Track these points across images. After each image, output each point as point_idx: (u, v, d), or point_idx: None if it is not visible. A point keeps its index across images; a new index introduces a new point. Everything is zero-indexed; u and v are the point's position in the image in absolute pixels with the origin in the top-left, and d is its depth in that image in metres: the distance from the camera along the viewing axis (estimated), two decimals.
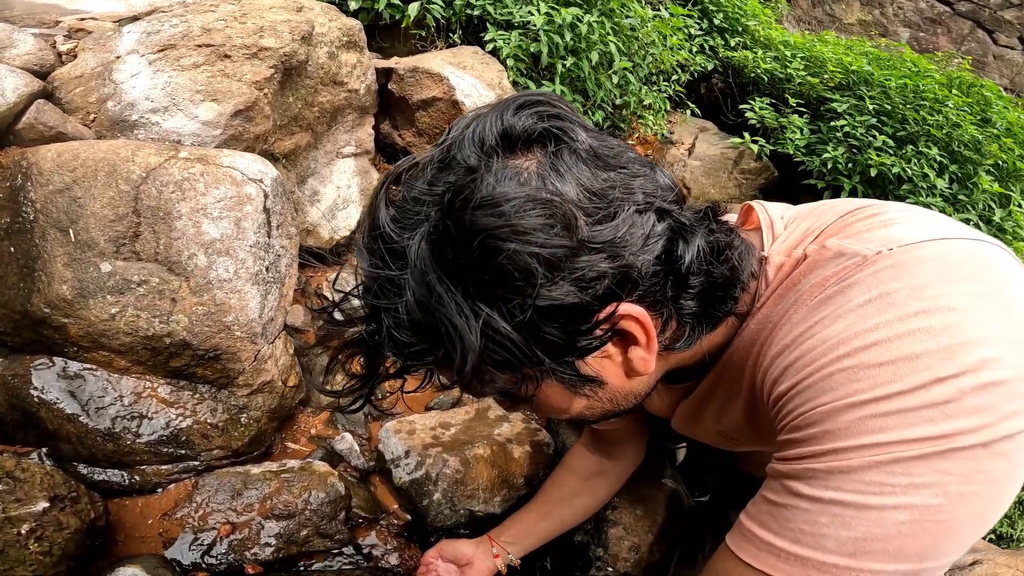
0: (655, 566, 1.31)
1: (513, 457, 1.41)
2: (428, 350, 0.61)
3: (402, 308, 0.59)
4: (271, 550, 1.16)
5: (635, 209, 0.60)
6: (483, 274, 0.56)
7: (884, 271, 0.59)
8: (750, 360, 0.71)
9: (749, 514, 0.64)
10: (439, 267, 0.57)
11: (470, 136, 0.61)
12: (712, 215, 0.71)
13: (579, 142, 0.61)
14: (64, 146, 1.21)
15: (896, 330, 0.55)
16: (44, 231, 1.15)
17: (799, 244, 0.71)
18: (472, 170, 0.59)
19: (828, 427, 0.55)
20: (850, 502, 0.54)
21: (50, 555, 0.96)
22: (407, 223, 0.60)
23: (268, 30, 1.54)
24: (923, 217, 0.66)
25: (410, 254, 0.58)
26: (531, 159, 0.60)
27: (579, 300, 0.58)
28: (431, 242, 0.58)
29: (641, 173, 0.63)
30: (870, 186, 3.00)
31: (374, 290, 0.62)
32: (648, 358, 0.65)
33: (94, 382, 1.18)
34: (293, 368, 1.38)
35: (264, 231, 1.25)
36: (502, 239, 0.55)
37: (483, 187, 0.57)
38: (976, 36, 6.08)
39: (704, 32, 3.62)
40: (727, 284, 0.68)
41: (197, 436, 1.22)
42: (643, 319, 0.61)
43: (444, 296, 0.57)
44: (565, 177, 0.59)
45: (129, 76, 1.39)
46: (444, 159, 0.62)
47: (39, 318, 1.15)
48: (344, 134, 1.92)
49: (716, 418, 0.86)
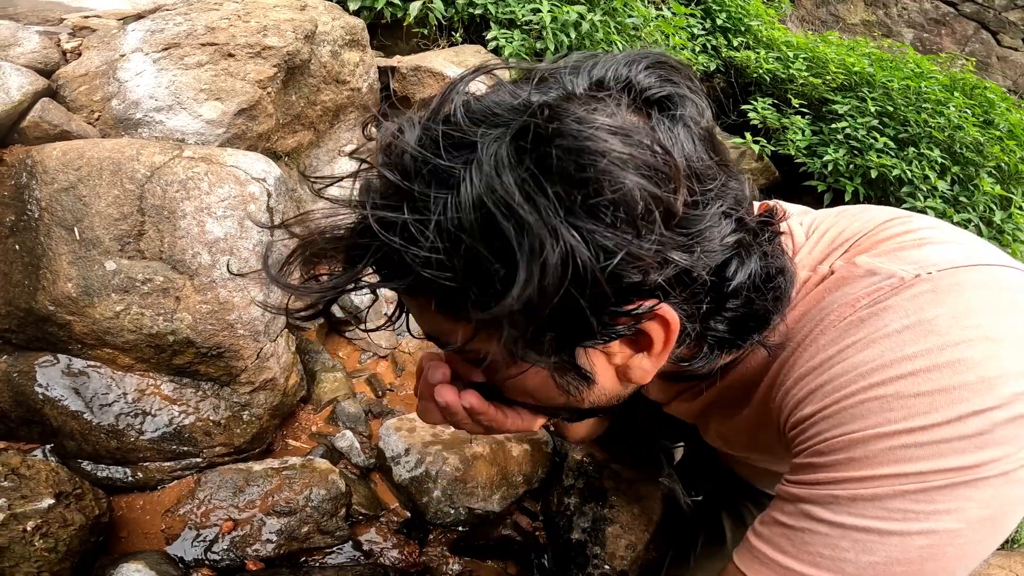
0: (651, 564, 1.32)
1: (512, 455, 1.42)
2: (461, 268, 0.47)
3: (451, 203, 0.46)
4: (272, 546, 1.17)
5: (723, 210, 0.55)
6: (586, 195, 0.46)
7: (922, 296, 0.57)
8: (766, 378, 0.69)
9: (761, 536, 0.62)
10: (527, 166, 0.45)
11: (587, 68, 0.53)
12: (772, 232, 0.64)
13: (700, 122, 0.55)
14: (69, 144, 1.22)
15: (935, 360, 0.53)
16: (49, 229, 1.16)
17: (825, 258, 0.68)
18: (573, 98, 0.50)
19: (855, 455, 0.55)
20: (873, 528, 0.54)
21: (55, 551, 0.97)
22: (485, 120, 0.48)
23: (272, 29, 1.55)
24: (957, 237, 0.64)
25: (482, 151, 0.46)
26: (644, 120, 0.52)
27: (642, 277, 0.50)
28: (519, 141, 0.46)
29: (737, 176, 0.58)
30: (871, 188, 3.01)
31: (414, 175, 0.48)
32: (650, 370, 0.60)
33: (98, 379, 1.20)
34: (294, 366, 1.39)
35: (267, 230, 1.26)
36: (622, 168, 0.46)
37: (596, 112, 0.48)
38: (980, 37, 6.07)
39: (707, 32, 3.62)
40: (765, 316, 0.63)
41: (200, 433, 1.23)
42: (673, 328, 0.55)
43: (529, 198, 0.44)
44: (676, 145, 0.52)
45: (133, 75, 1.40)
46: (545, 78, 0.52)
47: (44, 315, 1.16)
48: (346, 132, 1.93)
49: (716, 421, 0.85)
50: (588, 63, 0.53)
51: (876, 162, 2.88)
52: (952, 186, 2.99)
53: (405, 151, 0.48)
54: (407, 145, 0.48)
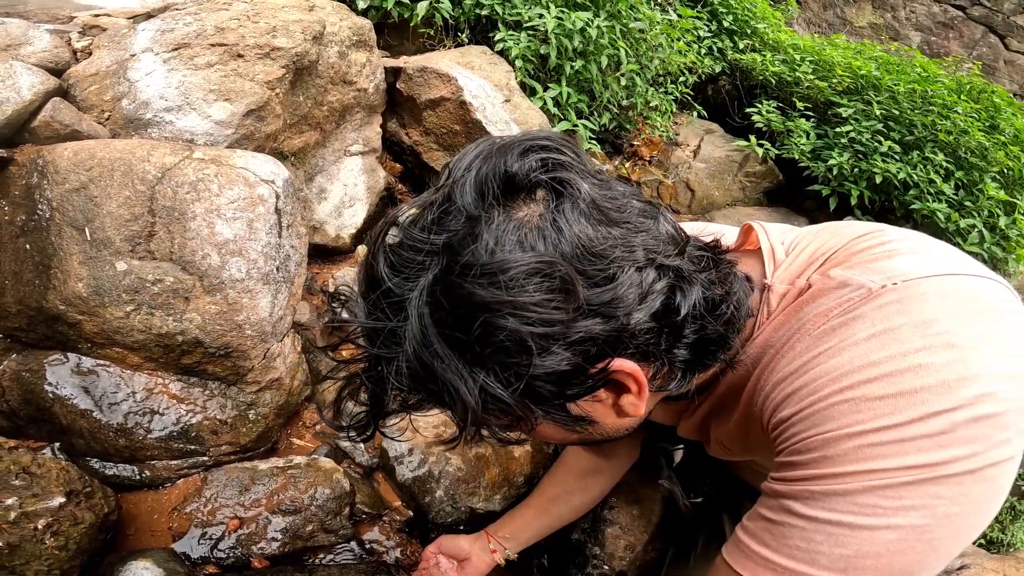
0: (650, 564, 1.34)
1: (514, 456, 1.43)
2: (428, 399, 0.63)
3: (402, 360, 0.59)
4: (277, 544, 1.18)
5: (635, 268, 0.60)
6: (481, 346, 0.57)
7: (889, 306, 0.61)
8: (749, 383, 0.73)
9: (747, 530, 0.66)
10: (439, 333, 0.58)
11: (472, 180, 0.60)
12: (713, 261, 0.69)
13: (582, 195, 0.60)
14: (80, 145, 1.23)
15: (898, 365, 0.57)
16: (60, 229, 1.17)
17: (802, 272, 0.72)
18: (472, 220, 0.58)
19: (827, 453, 0.59)
20: (844, 522, 0.57)
21: (65, 549, 0.98)
22: (406, 273, 0.60)
23: (280, 30, 1.56)
24: (929, 248, 0.68)
25: (410, 309, 0.58)
26: (533, 210, 0.59)
27: (572, 364, 0.58)
28: (430, 305, 0.58)
29: (643, 228, 0.62)
30: (876, 192, 3.01)
31: (374, 340, 0.62)
32: (639, 404, 0.66)
33: (107, 378, 1.21)
34: (300, 365, 1.41)
35: (275, 231, 1.27)
36: (500, 316, 0.55)
37: (482, 250, 0.56)
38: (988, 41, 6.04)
39: (713, 34, 3.62)
40: (720, 338, 0.69)
41: (207, 432, 1.25)
42: (635, 373, 0.62)
43: (444, 360, 0.57)
44: (565, 235, 0.58)
45: (144, 75, 1.41)
46: (443, 203, 0.61)
47: (54, 315, 1.18)
48: (352, 132, 1.94)
49: (714, 430, 0.89)
50: (472, 172, 0.60)
51: (881, 167, 2.89)
52: (957, 191, 2.99)
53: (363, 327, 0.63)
54: (362, 324, 0.62)
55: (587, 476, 1.26)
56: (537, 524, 1.25)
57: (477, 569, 1.21)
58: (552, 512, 1.25)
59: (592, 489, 1.27)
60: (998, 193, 2.95)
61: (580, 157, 0.64)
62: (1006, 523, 2.78)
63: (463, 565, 1.21)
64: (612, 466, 1.28)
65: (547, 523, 1.26)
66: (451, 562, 1.23)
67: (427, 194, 0.64)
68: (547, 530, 1.27)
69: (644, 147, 3.11)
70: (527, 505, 1.27)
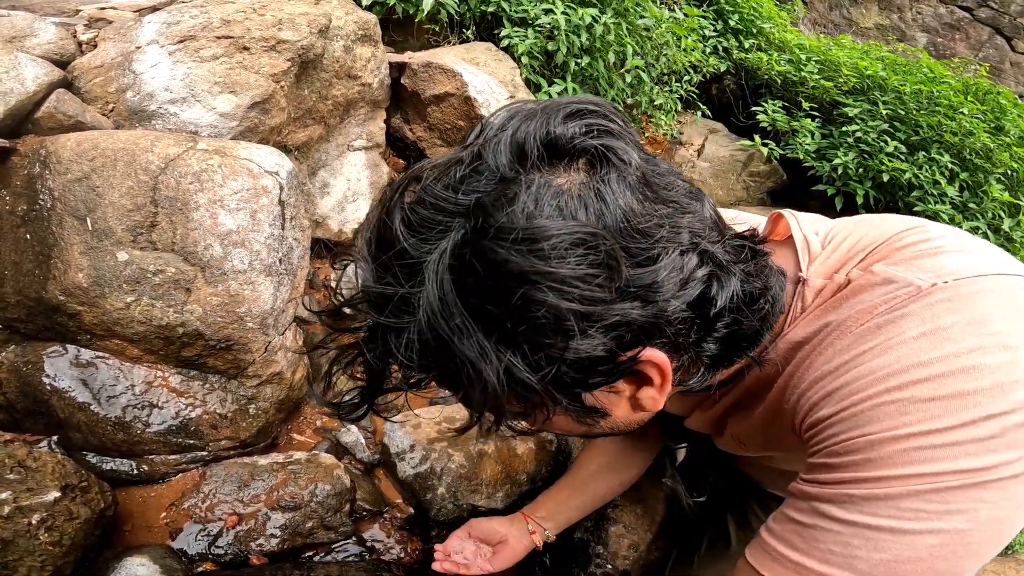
0: (653, 564, 1.33)
1: (517, 453, 1.42)
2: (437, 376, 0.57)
3: (413, 331, 0.53)
4: (276, 541, 1.17)
5: (679, 251, 0.55)
6: (513, 320, 0.51)
7: (939, 304, 0.58)
8: (780, 380, 0.70)
9: (773, 533, 0.64)
10: (461, 300, 0.51)
11: (507, 139, 0.53)
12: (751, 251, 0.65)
13: (631, 167, 0.54)
14: (84, 135, 1.22)
15: (950, 366, 0.55)
16: (61, 219, 1.16)
17: (841, 267, 0.69)
18: (506, 182, 0.52)
19: (871, 456, 0.56)
20: (885, 527, 0.55)
21: (59, 545, 0.96)
22: (425, 234, 0.53)
23: (286, 23, 1.55)
24: (975, 246, 0.65)
25: (427, 274, 0.51)
26: (575, 178, 0.53)
27: (606, 351, 0.53)
28: (454, 269, 0.51)
29: (690, 209, 0.58)
30: (881, 192, 3.00)
31: (382, 307, 0.55)
32: (659, 398, 0.62)
33: (106, 370, 1.20)
34: (301, 360, 1.40)
35: (278, 223, 1.26)
36: (539, 289, 0.49)
37: (519, 213, 0.50)
38: (994, 43, 6.03)
39: (718, 33, 3.61)
40: (753, 335, 0.65)
41: (206, 426, 1.24)
42: (664, 365, 0.58)
43: (464, 331, 0.51)
44: (611, 207, 0.52)
45: (149, 67, 1.41)
46: (473, 162, 0.54)
47: (54, 305, 1.17)
48: (356, 127, 1.93)
49: (732, 423, 0.86)
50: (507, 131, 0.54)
51: (888, 166, 2.87)
52: (961, 192, 2.98)
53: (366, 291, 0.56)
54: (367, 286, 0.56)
55: (622, 455, 1.22)
56: (574, 503, 1.21)
57: (514, 552, 1.14)
58: (588, 491, 1.21)
59: (629, 468, 1.23)
60: (1003, 195, 2.94)
61: (628, 126, 0.58)
62: None
63: (498, 549, 1.15)
64: (646, 446, 1.24)
65: (584, 501, 1.21)
66: (481, 547, 1.17)
67: (454, 151, 0.58)
68: (585, 509, 1.22)
69: (648, 145, 3.11)
70: (562, 485, 1.22)
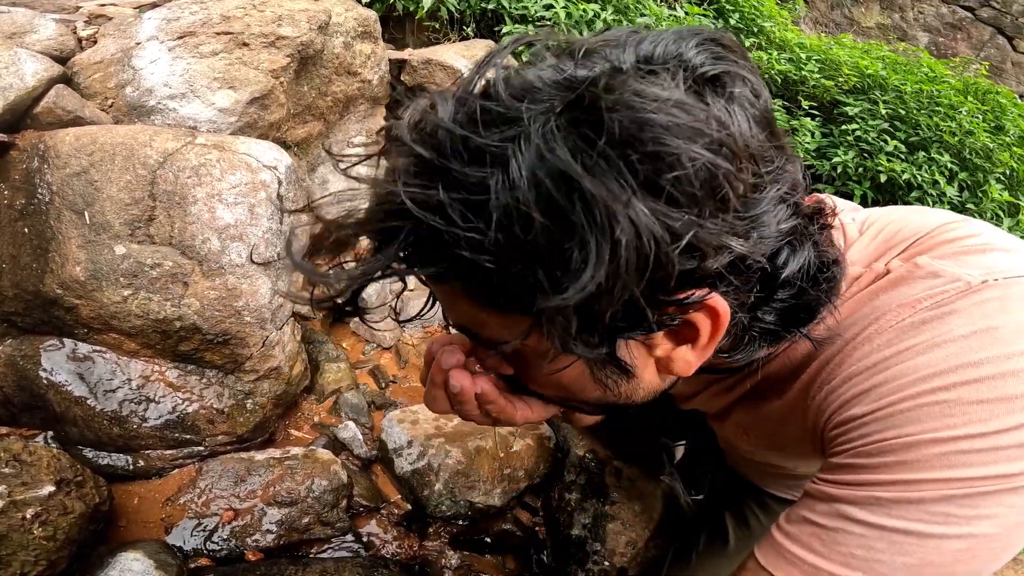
0: (651, 561, 1.33)
1: (514, 450, 1.42)
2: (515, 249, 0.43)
3: (499, 182, 0.41)
4: (272, 537, 1.16)
5: (780, 195, 0.52)
6: (656, 171, 0.42)
7: (990, 303, 0.56)
8: (806, 373, 0.67)
9: (788, 534, 0.61)
10: (585, 140, 0.41)
11: (633, 43, 0.48)
12: (821, 222, 0.61)
13: (757, 102, 0.51)
14: (82, 130, 1.22)
15: (1000, 368, 0.53)
16: (59, 213, 1.16)
17: (880, 256, 0.66)
18: (621, 72, 0.45)
19: (906, 458, 0.54)
20: (912, 531, 0.54)
21: (54, 540, 0.95)
22: (528, 95, 0.44)
23: (286, 19, 1.55)
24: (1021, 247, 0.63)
25: (531, 124, 0.42)
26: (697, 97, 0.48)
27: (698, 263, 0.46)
28: (571, 117, 0.42)
29: (793, 160, 0.54)
30: (880, 192, 2.99)
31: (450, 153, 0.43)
32: (694, 363, 0.56)
33: (103, 364, 1.20)
34: (299, 355, 1.40)
35: (277, 218, 1.27)
36: (688, 139, 0.42)
37: (651, 85, 0.44)
38: (996, 42, 6.03)
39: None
40: (814, 308, 0.60)
41: (203, 421, 1.24)
42: (722, 319, 0.52)
43: (591, 172, 0.41)
44: (732, 124, 0.48)
45: (148, 63, 1.41)
46: (587, 54, 0.48)
47: (51, 299, 1.17)
48: (355, 124, 1.93)
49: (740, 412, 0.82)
50: (633, 38, 0.49)
51: (886, 166, 2.87)
52: (961, 192, 2.98)
53: (439, 127, 0.44)
54: (440, 120, 0.43)
55: None
56: None
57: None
58: None
59: None
60: (1002, 195, 2.93)
61: (755, 68, 0.54)
62: None
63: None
64: None
65: None
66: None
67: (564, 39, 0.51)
68: None
69: None
70: None
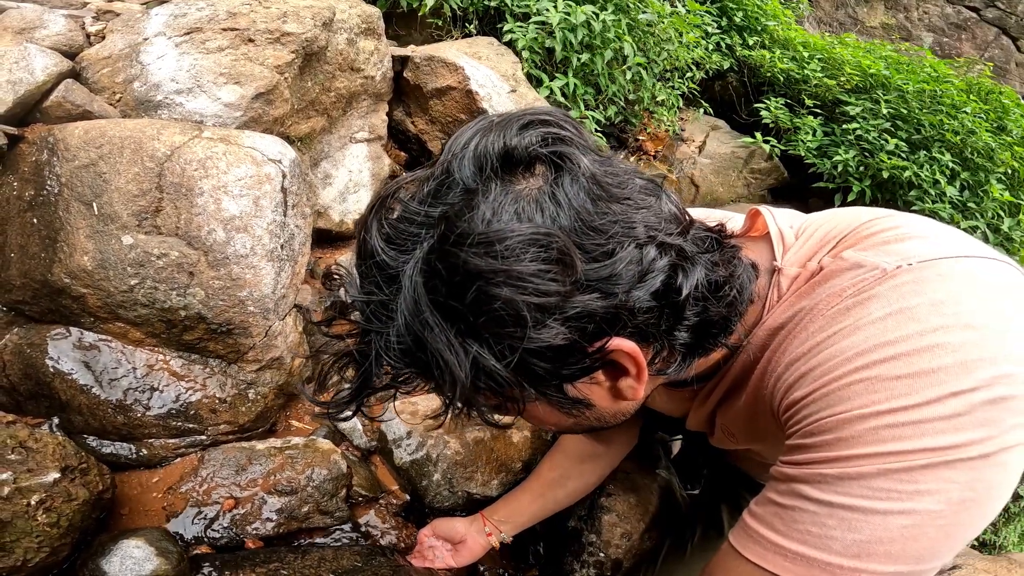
0: (646, 553, 1.34)
1: (512, 442, 1.44)
2: (418, 375, 0.62)
3: (393, 334, 0.59)
4: (272, 525, 1.18)
5: (635, 244, 0.58)
6: (475, 315, 0.56)
7: (904, 285, 0.60)
8: (759, 366, 0.72)
9: (755, 515, 0.65)
10: (431, 301, 0.57)
11: (471, 154, 0.59)
12: (716, 243, 0.68)
13: (582, 170, 0.59)
14: (91, 124, 1.24)
15: (915, 345, 0.56)
16: (68, 204, 1.19)
17: (814, 255, 0.71)
18: (470, 192, 0.58)
19: (841, 435, 0.57)
20: (857, 507, 0.56)
21: (57, 526, 0.96)
22: (401, 245, 0.59)
23: (291, 15, 1.57)
24: (941, 232, 0.67)
25: (403, 281, 0.58)
26: (532, 183, 0.59)
27: (568, 340, 0.57)
28: (424, 274, 0.57)
29: (644, 204, 0.61)
30: (880, 190, 3.00)
31: (366, 313, 0.61)
32: (637, 387, 0.65)
33: (108, 353, 1.22)
34: (301, 346, 1.42)
35: (281, 210, 1.28)
36: (495, 284, 0.54)
37: (479, 220, 0.56)
38: (1000, 43, 6.01)
39: (722, 30, 3.61)
40: (723, 321, 0.67)
41: (205, 410, 1.26)
42: (634, 353, 0.61)
43: (435, 330, 0.56)
44: (564, 208, 0.57)
45: (156, 58, 1.43)
46: (441, 176, 0.60)
47: (59, 288, 1.19)
48: (358, 119, 1.95)
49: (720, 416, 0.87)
50: (471, 147, 0.60)
51: (888, 164, 2.88)
52: (961, 191, 2.98)
53: (354, 299, 0.63)
54: (355, 298, 0.62)
55: (585, 461, 1.26)
56: (533, 508, 1.26)
57: (472, 551, 1.22)
58: (548, 497, 1.26)
59: (590, 475, 1.27)
60: (1003, 195, 2.94)
61: (580, 133, 0.63)
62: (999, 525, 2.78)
63: (458, 548, 1.22)
64: (610, 452, 1.28)
65: (543, 507, 1.26)
66: (445, 545, 1.24)
67: (424, 169, 0.64)
68: (543, 514, 1.27)
69: (649, 142, 3.11)
70: (524, 489, 1.28)
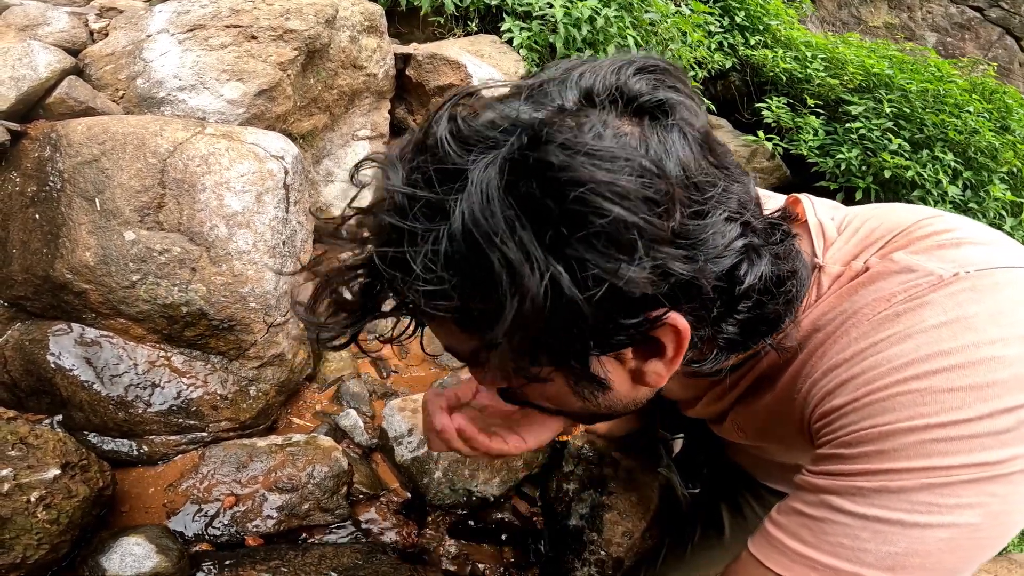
0: (647, 551, 1.34)
1: None
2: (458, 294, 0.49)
3: (443, 234, 0.47)
4: (272, 522, 1.17)
5: (726, 215, 0.54)
6: (568, 225, 0.47)
7: (962, 294, 0.57)
8: (791, 368, 0.69)
9: (779, 525, 0.63)
10: (514, 197, 0.46)
11: (574, 79, 0.52)
12: (783, 233, 0.63)
13: (694, 126, 0.54)
14: (94, 120, 1.25)
15: (971, 356, 0.54)
16: (71, 200, 1.19)
17: (859, 254, 0.68)
18: (564, 111, 0.50)
19: (884, 447, 0.55)
20: (895, 520, 0.55)
21: (57, 523, 0.95)
22: (473, 144, 0.49)
23: (294, 12, 1.57)
24: (997, 240, 0.65)
25: (472, 176, 0.47)
26: (638, 125, 0.52)
27: (647, 293, 0.50)
28: (506, 170, 0.47)
29: (740, 179, 0.57)
30: (883, 189, 2.99)
31: (408, 211, 0.49)
32: (664, 374, 0.60)
33: (110, 349, 1.22)
34: (302, 343, 1.42)
35: (283, 206, 1.29)
36: (606, 198, 0.46)
37: (586, 131, 0.48)
38: (1004, 43, 6.00)
39: (724, 29, 3.60)
40: (775, 320, 0.63)
41: (207, 407, 1.26)
42: (684, 335, 0.55)
43: (512, 231, 0.46)
44: (671, 155, 0.51)
45: (159, 55, 1.43)
46: (535, 93, 0.53)
47: (61, 283, 1.19)
48: (360, 117, 1.95)
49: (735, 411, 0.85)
50: (575, 72, 0.53)
51: (890, 163, 2.87)
52: (964, 191, 2.97)
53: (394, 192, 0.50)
54: (395, 187, 0.50)
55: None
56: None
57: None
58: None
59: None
60: (1005, 195, 2.92)
61: (696, 95, 0.57)
62: None
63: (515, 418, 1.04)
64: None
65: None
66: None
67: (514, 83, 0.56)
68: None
69: None
70: None
